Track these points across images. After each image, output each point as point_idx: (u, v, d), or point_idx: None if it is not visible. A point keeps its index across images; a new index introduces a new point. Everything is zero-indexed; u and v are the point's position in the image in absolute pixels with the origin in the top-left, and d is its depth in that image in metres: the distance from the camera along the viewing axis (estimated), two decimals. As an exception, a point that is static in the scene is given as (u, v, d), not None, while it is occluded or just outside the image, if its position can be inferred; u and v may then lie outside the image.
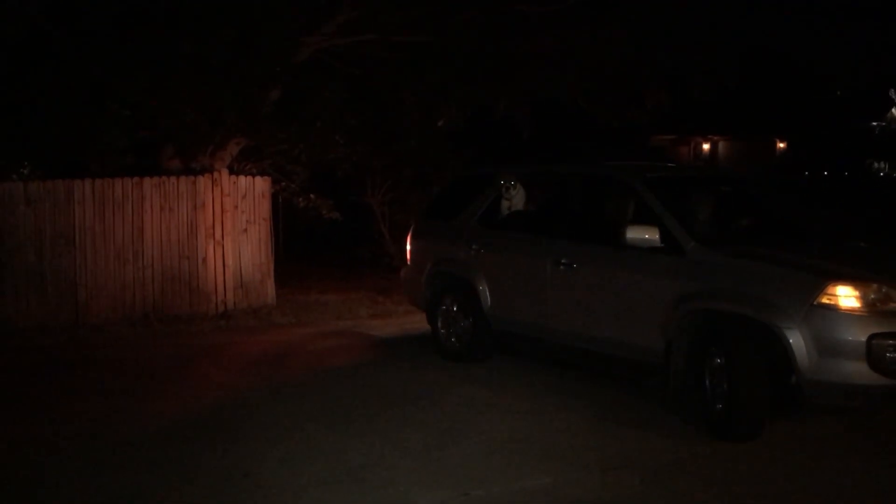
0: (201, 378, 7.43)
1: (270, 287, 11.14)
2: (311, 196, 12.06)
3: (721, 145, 38.06)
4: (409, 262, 8.63)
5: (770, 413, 5.42)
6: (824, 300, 5.08)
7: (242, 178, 10.92)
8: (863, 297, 5.08)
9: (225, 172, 10.73)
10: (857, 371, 4.97)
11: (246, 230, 10.91)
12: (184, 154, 10.99)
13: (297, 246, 12.75)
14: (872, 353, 4.92)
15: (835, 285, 5.10)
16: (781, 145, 37.28)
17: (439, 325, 7.87)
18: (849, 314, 5.04)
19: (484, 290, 7.38)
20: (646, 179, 6.50)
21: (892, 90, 42.04)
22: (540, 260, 6.85)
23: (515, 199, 7.68)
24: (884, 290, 5.13)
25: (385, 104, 11.43)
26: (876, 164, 34.98)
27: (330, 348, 8.64)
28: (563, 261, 6.63)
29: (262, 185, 11.09)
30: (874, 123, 37.76)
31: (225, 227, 10.70)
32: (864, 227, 10.40)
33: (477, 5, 10.03)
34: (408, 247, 8.63)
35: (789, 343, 5.09)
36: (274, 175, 11.68)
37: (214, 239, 10.63)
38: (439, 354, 7.85)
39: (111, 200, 10.10)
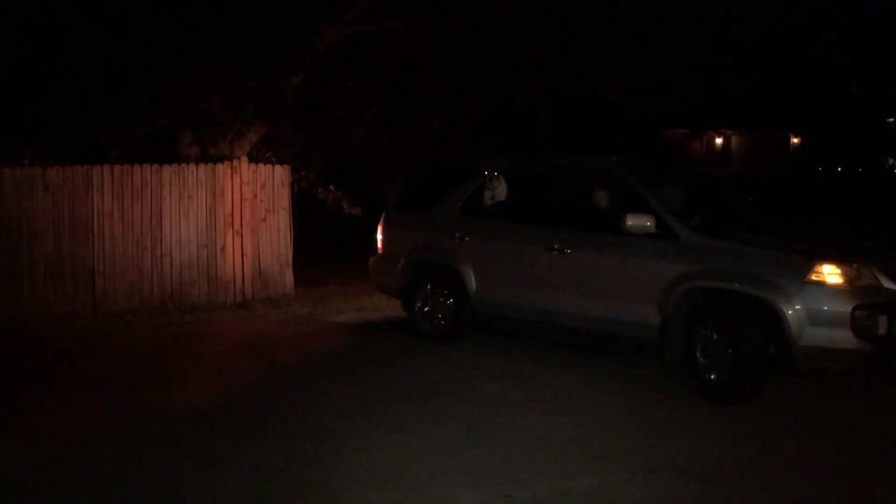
0: (225, 369, 7.32)
1: (289, 277, 11.00)
2: (331, 187, 11.89)
3: (734, 140, 37.80)
4: (380, 251, 8.80)
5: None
6: (813, 277, 5.86)
7: (262, 167, 10.77)
8: (844, 275, 5.88)
9: (244, 160, 10.58)
10: (843, 337, 5.75)
11: (265, 219, 10.77)
12: (203, 142, 10.85)
13: (314, 236, 12.57)
14: (856, 322, 5.71)
15: (821, 265, 5.89)
16: (795, 140, 37.02)
17: (417, 310, 8.22)
18: (835, 289, 5.83)
19: (469, 275, 7.81)
20: (635, 173, 7.14)
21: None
22: (531, 246, 7.35)
23: (498, 190, 7.96)
24: (857, 268, 5.94)
25: (407, 94, 11.25)
26: (891, 161, 34.67)
27: (353, 339, 8.52)
28: (555, 246, 7.15)
29: (281, 173, 10.94)
30: (890, 120, 37.42)
31: (244, 216, 10.56)
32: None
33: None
34: (379, 236, 8.81)
35: (786, 315, 5.82)
36: (293, 164, 11.51)
37: (233, 228, 10.50)
38: (417, 338, 8.17)
39: (130, 187, 9.98)
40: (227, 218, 10.46)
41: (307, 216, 12.11)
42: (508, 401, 6.17)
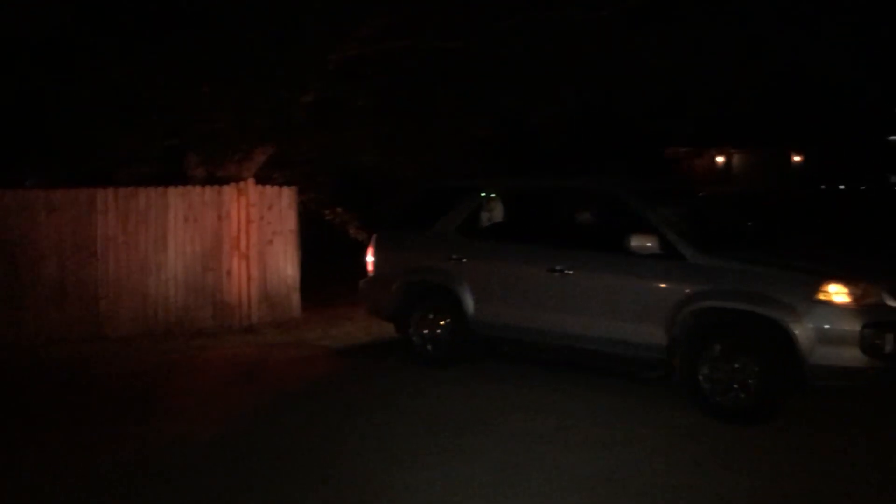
0: (232, 400, 7.05)
1: (296, 300, 10.75)
2: (339, 209, 11.67)
3: (736, 157, 37.78)
4: (371, 273, 8.63)
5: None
6: (821, 297, 5.93)
7: (269, 188, 10.55)
8: (851, 294, 5.94)
9: (251, 182, 10.36)
10: (852, 355, 5.81)
11: (272, 241, 10.54)
12: (210, 162, 10.63)
13: (322, 257, 12.32)
14: (865, 340, 5.78)
15: (829, 284, 5.96)
16: (797, 158, 36.96)
17: (412, 333, 8.09)
18: (843, 308, 5.90)
19: (467, 297, 7.72)
20: (637, 192, 7.15)
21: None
22: (532, 267, 7.29)
23: (495, 210, 7.93)
24: (864, 287, 6.01)
25: (416, 113, 11.06)
26: (894, 178, 34.58)
27: (366, 365, 8.26)
28: (557, 267, 7.10)
29: (288, 195, 10.71)
30: (893, 137, 37.37)
31: (250, 239, 10.32)
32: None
33: (520, 12, 9.66)
34: (370, 258, 8.65)
35: (794, 334, 5.87)
36: (301, 185, 11.28)
37: (239, 250, 10.26)
38: (412, 362, 8.04)
39: (135, 210, 9.74)
40: (234, 241, 10.22)
41: (315, 237, 11.88)
42: (533, 433, 5.91)
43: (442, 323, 7.98)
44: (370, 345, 9.29)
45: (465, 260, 7.78)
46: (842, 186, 33.71)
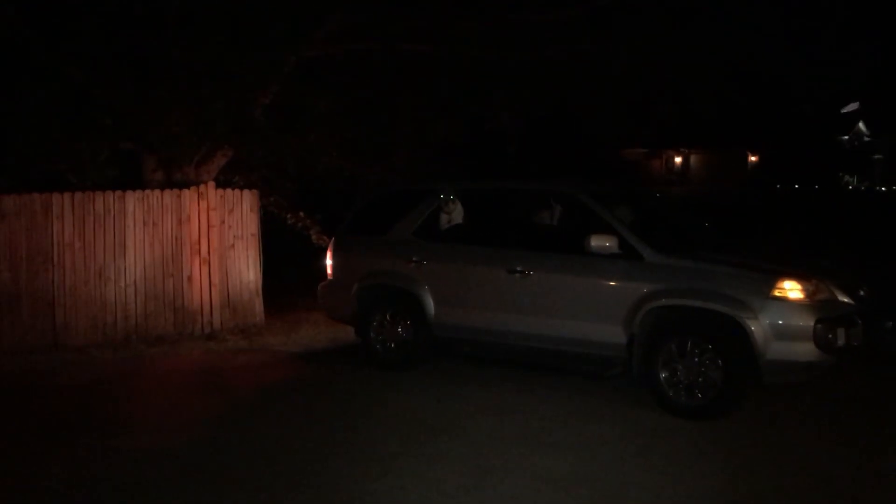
0: (197, 408, 6.87)
1: (259, 305, 10.57)
2: (301, 213, 11.52)
3: (693, 158, 38.25)
4: (330, 277, 8.66)
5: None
6: (776, 293, 6.06)
7: (230, 192, 10.36)
8: (805, 290, 6.10)
9: (211, 185, 10.17)
10: (806, 350, 5.94)
11: (233, 246, 10.36)
12: (168, 166, 10.42)
13: (284, 262, 12.16)
14: (818, 335, 5.90)
15: (783, 280, 6.11)
16: (753, 158, 37.53)
17: (372, 336, 8.12)
18: (797, 304, 6.04)
19: (427, 300, 7.75)
20: (593, 194, 7.20)
21: (853, 104, 42.53)
22: (492, 268, 7.35)
23: (454, 213, 7.92)
24: (816, 283, 6.17)
25: (379, 116, 10.96)
26: (847, 178, 35.28)
27: (330, 370, 8.13)
28: (517, 268, 7.18)
29: (250, 198, 10.53)
30: (844, 137, 38.16)
31: (211, 243, 10.13)
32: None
33: (483, 15, 9.63)
34: (328, 262, 8.68)
35: (750, 330, 6.00)
36: (262, 188, 11.11)
37: (200, 255, 10.06)
38: (372, 364, 8.06)
39: (92, 215, 9.49)
40: (194, 245, 10.02)
41: (277, 242, 11.71)
42: (505, 436, 5.87)
43: (402, 326, 7.98)
44: (334, 349, 9.18)
45: (424, 263, 7.82)
46: (796, 186, 34.33)
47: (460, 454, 5.47)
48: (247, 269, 10.46)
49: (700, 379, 6.21)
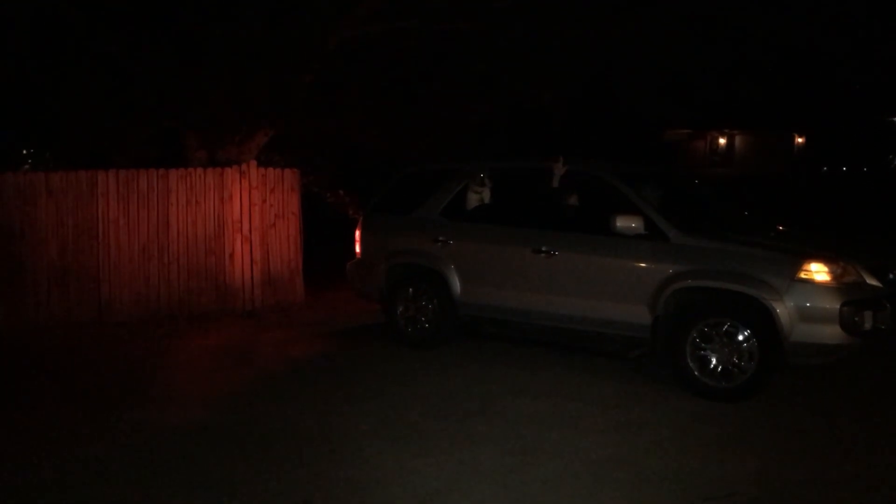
0: (237, 385, 6.97)
1: (299, 284, 10.67)
2: (341, 192, 11.57)
3: (737, 140, 37.49)
4: (358, 256, 8.71)
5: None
6: (803, 275, 6.02)
7: (271, 171, 10.43)
8: (831, 272, 6.05)
9: (253, 164, 10.25)
10: (831, 333, 5.91)
11: (274, 225, 10.44)
12: (210, 145, 10.51)
13: (325, 241, 12.23)
14: (844, 318, 5.86)
15: (810, 262, 6.06)
16: (799, 140, 36.72)
17: (399, 315, 8.21)
18: (824, 286, 5.99)
19: (453, 278, 7.80)
20: (620, 175, 7.16)
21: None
22: (517, 248, 7.36)
23: (485, 192, 7.88)
24: (843, 265, 6.10)
25: (417, 95, 10.92)
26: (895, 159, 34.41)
27: (367, 350, 8.18)
28: (543, 248, 7.18)
29: (291, 177, 10.59)
30: (894, 119, 37.18)
31: (253, 222, 10.23)
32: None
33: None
34: (357, 240, 8.71)
35: (776, 312, 5.97)
36: (302, 167, 11.17)
37: (242, 234, 10.17)
38: (400, 342, 8.14)
39: (136, 193, 9.64)
40: (236, 223, 10.13)
41: (317, 221, 11.78)
42: (539, 418, 5.85)
43: (428, 305, 8.04)
44: (371, 328, 9.20)
45: (451, 242, 7.85)
46: (844, 168, 33.57)
47: (497, 435, 5.46)
48: (287, 248, 10.54)
49: (732, 361, 6.18)
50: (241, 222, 10.15)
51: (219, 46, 9.18)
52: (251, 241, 10.21)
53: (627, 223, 6.60)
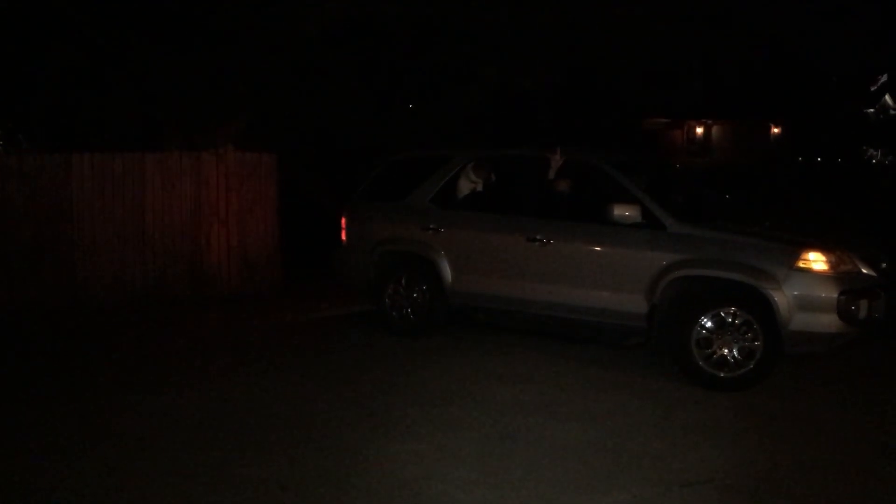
0: (214, 372, 6.89)
1: (277, 269, 10.59)
2: (317, 178, 11.49)
3: (714, 129, 37.72)
4: (344, 244, 8.59)
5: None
6: (801, 265, 6.07)
7: (249, 155, 10.33)
8: (829, 262, 6.09)
9: (230, 148, 10.15)
10: (829, 321, 5.95)
11: (251, 210, 10.36)
12: (187, 129, 10.39)
13: (301, 226, 12.16)
14: (841, 307, 5.90)
15: (808, 252, 6.11)
16: (775, 130, 36.99)
17: (388, 303, 8.11)
18: (821, 275, 6.04)
19: (444, 267, 7.74)
20: (615, 163, 7.15)
21: (882, 76, 41.74)
22: (511, 236, 7.30)
23: (480, 181, 7.84)
24: (839, 255, 6.15)
25: (401, 80, 10.85)
26: (871, 151, 34.74)
27: (348, 336, 8.15)
28: (537, 237, 7.13)
29: (268, 162, 10.49)
30: (869, 110, 37.52)
31: (230, 207, 10.15)
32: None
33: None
34: (343, 227, 8.58)
35: (774, 301, 6.01)
36: (280, 152, 11.06)
37: (218, 218, 10.09)
38: (388, 332, 8.05)
39: (111, 176, 9.52)
40: (213, 208, 10.04)
41: (294, 206, 11.69)
42: (522, 405, 5.85)
43: (417, 293, 7.98)
44: (350, 316, 9.18)
45: (442, 230, 7.79)
46: (819, 159, 33.84)
47: (477, 421, 5.46)
48: (265, 233, 10.47)
49: (735, 350, 6.20)
50: (217, 207, 10.05)
51: (195, 32, 9.05)
52: (228, 226, 10.13)
53: (624, 212, 6.59)
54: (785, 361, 6.55)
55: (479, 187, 7.91)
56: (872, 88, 40.62)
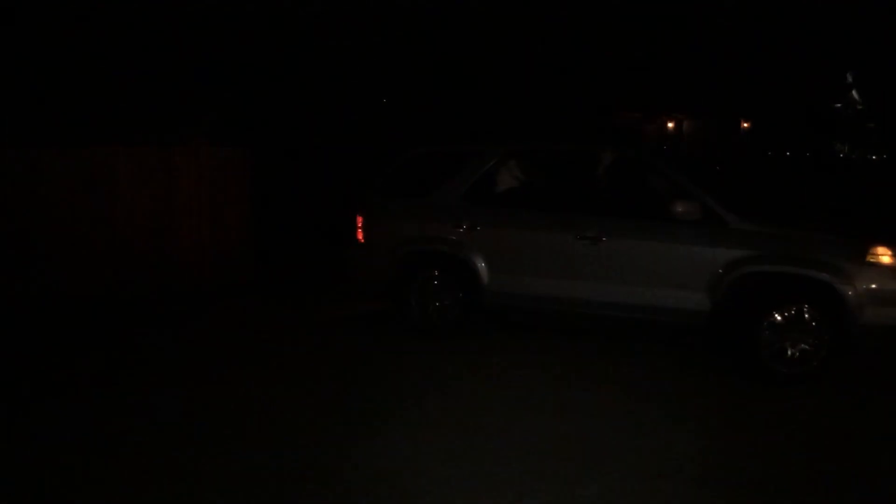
0: (194, 369, 6.85)
1: (251, 266, 10.54)
2: (292, 172, 11.46)
3: (685, 124, 38.02)
4: (362, 242, 8.07)
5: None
6: (870, 259, 6.16)
7: (223, 150, 10.24)
8: (894, 255, 6.17)
9: (204, 143, 10.08)
10: None
11: (226, 204, 10.29)
12: (160, 124, 10.30)
13: (278, 223, 12.11)
14: None
15: (876, 247, 6.20)
16: (746, 125, 37.38)
17: (413, 303, 7.79)
18: (891, 269, 6.14)
19: (481, 266, 7.47)
20: (669, 160, 7.07)
21: (849, 72, 42.30)
22: (558, 234, 7.09)
23: (523, 177, 7.53)
24: None
25: (374, 74, 10.83)
26: (839, 146, 35.24)
27: (325, 333, 8.13)
28: (588, 234, 6.97)
29: (242, 157, 10.44)
30: (837, 105, 38.04)
31: (202, 202, 10.07)
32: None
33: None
34: (359, 225, 8.09)
35: (847, 296, 6.11)
36: (255, 147, 11.01)
37: (192, 214, 10.00)
38: (410, 332, 7.79)
39: (82, 171, 9.41)
40: (186, 204, 9.96)
41: (270, 200, 11.65)
42: (497, 398, 5.90)
43: (448, 294, 7.68)
44: (332, 313, 9.16)
45: (478, 228, 7.47)
46: (787, 153, 34.27)
47: (453, 416, 5.50)
48: (239, 228, 10.40)
49: (803, 346, 6.24)
50: (190, 202, 9.98)
51: (167, 28, 8.99)
52: (201, 221, 10.06)
53: (686, 208, 6.52)
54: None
55: (519, 183, 7.57)
56: (841, 84, 41.17)
